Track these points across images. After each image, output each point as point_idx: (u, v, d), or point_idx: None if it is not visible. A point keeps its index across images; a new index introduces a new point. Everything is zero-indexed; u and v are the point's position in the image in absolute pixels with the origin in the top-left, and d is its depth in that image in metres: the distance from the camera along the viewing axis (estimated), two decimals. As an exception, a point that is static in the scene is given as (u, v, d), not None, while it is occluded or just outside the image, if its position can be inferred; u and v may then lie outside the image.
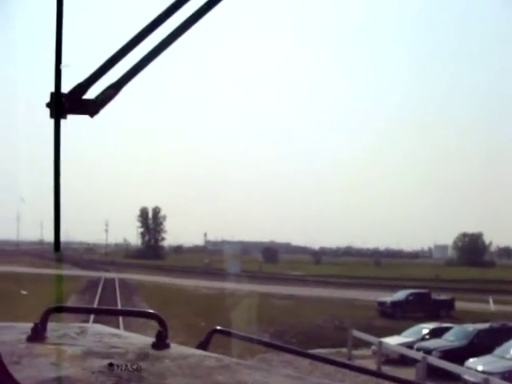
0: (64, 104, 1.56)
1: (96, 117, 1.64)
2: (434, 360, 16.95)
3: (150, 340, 2.19)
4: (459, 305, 35.94)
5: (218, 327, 2.51)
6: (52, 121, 1.57)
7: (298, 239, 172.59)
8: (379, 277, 67.26)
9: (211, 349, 2.38)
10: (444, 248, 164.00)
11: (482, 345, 18.85)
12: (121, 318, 21.51)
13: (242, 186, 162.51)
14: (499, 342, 18.09)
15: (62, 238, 1.58)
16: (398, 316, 31.58)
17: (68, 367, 1.88)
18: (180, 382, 1.77)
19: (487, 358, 17.41)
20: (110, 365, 1.93)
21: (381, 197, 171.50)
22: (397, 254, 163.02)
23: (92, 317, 17.29)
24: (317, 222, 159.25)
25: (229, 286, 48.84)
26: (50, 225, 1.62)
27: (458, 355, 17.94)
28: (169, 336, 2.21)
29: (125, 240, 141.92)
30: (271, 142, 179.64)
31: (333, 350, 23.51)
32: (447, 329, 21.85)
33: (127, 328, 18.69)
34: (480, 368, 16.11)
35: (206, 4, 1.57)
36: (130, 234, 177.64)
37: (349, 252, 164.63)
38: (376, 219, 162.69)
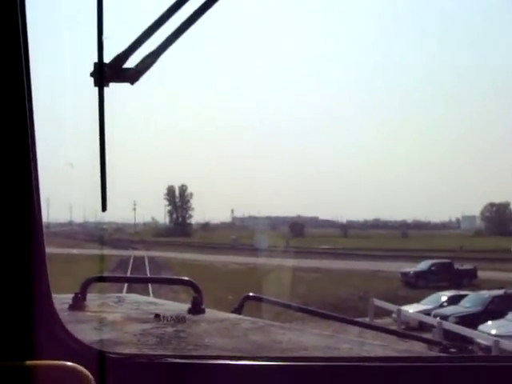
0: (106, 73, 1.64)
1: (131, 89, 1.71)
2: (449, 325, 17.79)
3: (186, 306, 2.26)
4: (482, 274, 36.55)
5: (251, 294, 2.65)
6: (96, 89, 1.66)
7: (325, 213, 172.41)
8: (405, 248, 67.64)
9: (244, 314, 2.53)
10: (472, 219, 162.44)
11: (496, 310, 19.65)
12: (151, 292, 22.54)
13: (268, 162, 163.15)
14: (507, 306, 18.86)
15: (91, 219, 1.98)
16: (421, 286, 32.24)
17: (110, 331, 2.00)
18: (218, 342, 1.83)
19: (500, 322, 18.23)
20: (157, 316, 2.10)
21: (408, 169, 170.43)
22: (424, 225, 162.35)
23: (125, 290, 18.41)
24: (344, 196, 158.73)
25: (256, 261, 50.00)
26: (78, 207, 1.83)
27: (473, 320, 18.80)
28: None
29: (153, 219, 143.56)
30: (296, 117, 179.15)
31: (361, 320, 24.43)
32: (464, 296, 22.66)
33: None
34: (493, 331, 16.92)
35: None
36: (158, 212, 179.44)
37: (376, 224, 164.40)
38: (403, 191, 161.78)
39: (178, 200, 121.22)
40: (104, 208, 1.79)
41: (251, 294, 2.62)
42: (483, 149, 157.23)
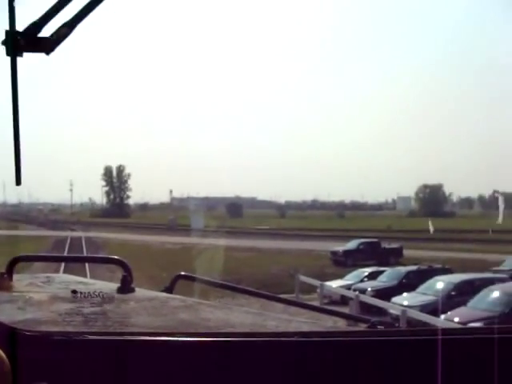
0: (19, 41, 1.56)
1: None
2: (365, 298, 19.01)
3: (116, 286, 2.22)
4: (408, 252, 38.18)
5: (183, 273, 2.60)
6: (8, 59, 1.59)
7: (263, 194, 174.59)
8: (340, 228, 69.29)
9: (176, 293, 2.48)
10: (407, 199, 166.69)
11: (409, 284, 21.06)
12: (88, 273, 22.73)
13: (205, 141, 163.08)
14: (424, 281, 20.31)
15: (26, 200, 2.10)
16: (349, 264, 33.21)
17: (35, 311, 1.92)
18: (145, 320, 1.81)
19: (411, 294, 19.62)
20: (74, 292, 2.11)
21: (345, 150, 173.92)
22: (361, 206, 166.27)
23: (62, 270, 18.60)
24: (282, 176, 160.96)
25: (191, 240, 50.56)
26: (12, 185, 1.62)
27: (388, 293, 20.12)
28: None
29: (90, 199, 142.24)
30: (234, 101, 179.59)
31: (285, 296, 25.41)
32: (383, 272, 24.03)
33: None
34: (404, 303, 18.22)
35: None
36: (95, 193, 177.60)
37: (314, 205, 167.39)
38: (341, 172, 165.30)
39: (116, 180, 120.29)
40: (18, 182, 1.67)
41: (183, 273, 2.61)
42: (418, 132, 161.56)
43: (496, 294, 17.30)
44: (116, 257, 2.46)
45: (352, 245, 38.00)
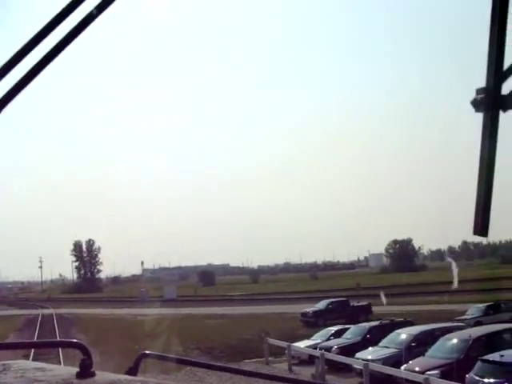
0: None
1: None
2: (330, 355, 19.65)
3: (75, 370, 2.15)
4: (378, 309, 38.88)
5: (146, 351, 2.58)
6: None
7: (236, 260, 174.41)
8: (310, 290, 69.77)
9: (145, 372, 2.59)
10: (378, 256, 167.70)
11: (373, 339, 21.75)
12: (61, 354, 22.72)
13: (174, 210, 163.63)
14: (386, 335, 21.06)
15: None
16: (319, 324, 33.44)
17: None
18: None
19: (373, 349, 20.29)
20: None
21: (314, 210, 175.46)
22: (334, 266, 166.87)
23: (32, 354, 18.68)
24: (254, 242, 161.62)
25: (164, 311, 50.63)
26: None
27: (353, 349, 20.76)
28: (103, 362, 2.86)
29: (60, 275, 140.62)
30: (199, 170, 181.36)
31: (258, 359, 25.76)
32: (348, 329, 24.73)
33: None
34: (367, 357, 18.87)
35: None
36: (66, 268, 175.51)
37: (287, 268, 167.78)
38: (311, 233, 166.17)
39: (86, 255, 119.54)
40: None
41: (146, 351, 2.50)
42: (387, 189, 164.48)
43: (451, 341, 18.07)
44: (74, 340, 2.40)
45: (321, 305, 38.62)
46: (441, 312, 35.08)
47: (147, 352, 2.57)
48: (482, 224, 1.35)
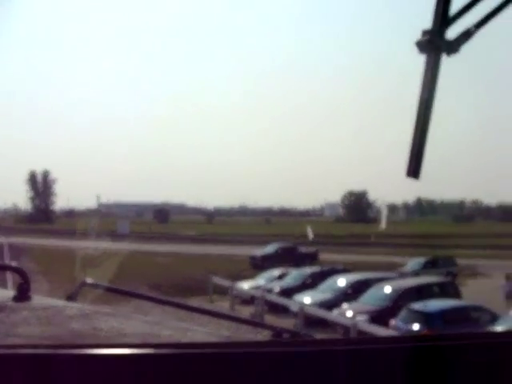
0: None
1: None
2: (270, 296, 20.58)
3: (13, 294, 2.13)
4: (325, 256, 40.14)
5: (88, 279, 2.46)
6: None
7: (192, 200, 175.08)
8: (263, 234, 70.85)
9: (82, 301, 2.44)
10: (334, 206, 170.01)
11: (312, 284, 22.78)
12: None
13: (135, 146, 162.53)
14: (324, 281, 22.13)
15: None
16: (267, 267, 34.02)
17: None
18: (34, 330, 1.73)
19: (312, 292, 21.30)
20: None
21: (273, 155, 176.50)
22: (289, 212, 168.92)
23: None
24: (211, 183, 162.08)
25: (115, 246, 51.12)
26: None
27: (292, 292, 21.74)
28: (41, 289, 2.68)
29: (14, 205, 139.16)
30: (166, 103, 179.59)
31: (203, 297, 26.56)
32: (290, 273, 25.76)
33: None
34: (304, 300, 19.83)
35: None
36: (20, 198, 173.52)
37: (242, 211, 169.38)
38: (269, 178, 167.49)
39: (41, 186, 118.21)
40: None
41: (87, 280, 2.43)
42: (346, 138, 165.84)
43: (383, 290, 19.14)
44: (12, 264, 2.43)
45: (270, 249, 39.62)
46: (383, 263, 36.32)
47: (89, 281, 2.50)
48: (415, 166, 1.39)
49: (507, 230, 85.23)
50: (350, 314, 17.44)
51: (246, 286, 24.58)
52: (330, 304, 19.22)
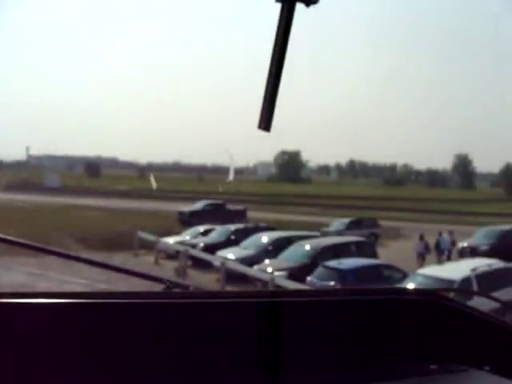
0: None
1: None
2: (193, 251, 21.04)
3: None
4: (253, 214, 40.77)
5: None
6: None
7: (125, 154, 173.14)
8: (195, 191, 71.06)
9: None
10: (267, 165, 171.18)
11: (236, 240, 23.34)
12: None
13: (67, 97, 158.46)
14: (247, 238, 22.74)
15: None
16: (195, 223, 34.31)
17: None
18: None
19: (234, 249, 21.86)
20: None
21: (206, 112, 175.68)
22: (222, 169, 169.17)
23: None
24: (145, 138, 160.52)
25: (43, 199, 50.52)
26: None
27: (216, 248, 22.23)
28: None
29: None
30: (103, 57, 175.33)
31: (129, 252, 26.66)
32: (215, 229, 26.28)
33: None
34: (227, 255, 20.36)
35: None
36: None
37: (176, 167, 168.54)
38: (203, 135, 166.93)
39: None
40: None
41: None
42: (281, 97, 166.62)
43: (303, 247, 19.80)
44: None
45: (198, 206, 39.97)
46: (310, 223, 37.25)
47: None
48: (266, 119, 1.37)
49: (434, 194, 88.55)
50: (269, 269, 18.03)
51: (171, 241, 24.92)
52: (252, 260, 19.75)
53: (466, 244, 27.13)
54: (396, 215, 47.44)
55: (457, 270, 15.64)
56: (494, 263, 16.34)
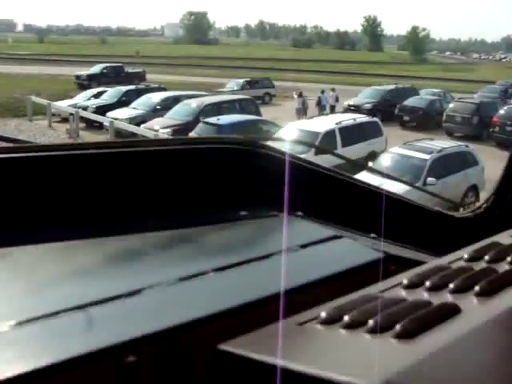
0: None
1: None
2: (85, 113, 21.72)
3: None
4: (153, 77, 40.80)
5: None
6: None
7: (25, 17, 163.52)
8: (97, 54, 68.98)
9: None
10: (174, 26, 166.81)
11: (127, 101, 23.87)
12: None
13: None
14: (137, 98, 23.46)
15: None
16: (93, 87, 33.76)
17: None
18: None
19: (124, 109, 22.45)
20: None
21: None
22: (127, 32, 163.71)
23: None
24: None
25: None
26: None
27: (107, 109, 22.79)
28: None
29: None
30: None
31: (24, 118, 26.59)
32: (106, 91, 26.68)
33: None
34: (116, 116, 21.05)
35: None
36: None
37: (78, 30, 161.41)
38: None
39: None
40: None
41: None
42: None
43: (188, 106, 20.73)
44: None
45: (96, 69, 39.47)
46: (207, 84, 37.64)
47: None
48: None
49: (341, 56, 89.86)
50: (156, 128, 19.03)
51: (64, 104, 25.19)
52: (140, 120, 20.58)
53: (351, 102, 28.77)
54: (298, 76, 48.34)
55: (324, 123, 17.25)
56: (359, 117, 18.16)
